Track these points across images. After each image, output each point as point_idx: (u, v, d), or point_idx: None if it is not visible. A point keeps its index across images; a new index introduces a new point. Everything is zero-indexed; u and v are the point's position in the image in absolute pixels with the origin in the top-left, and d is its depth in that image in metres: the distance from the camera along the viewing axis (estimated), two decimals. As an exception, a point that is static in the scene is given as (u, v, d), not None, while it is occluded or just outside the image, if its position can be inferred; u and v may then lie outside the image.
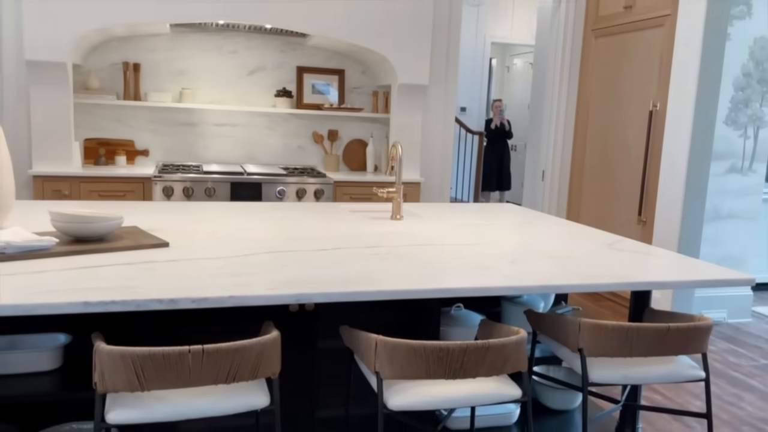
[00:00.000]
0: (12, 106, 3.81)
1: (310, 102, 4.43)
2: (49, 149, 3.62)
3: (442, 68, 4.56)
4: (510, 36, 8.09)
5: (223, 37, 4.24)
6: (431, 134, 4.63)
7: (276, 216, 2.42)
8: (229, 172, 3.83)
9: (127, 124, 4.13)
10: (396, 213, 2.50)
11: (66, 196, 3.55)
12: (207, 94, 4.26)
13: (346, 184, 4.05)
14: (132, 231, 1.92)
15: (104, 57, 4.04)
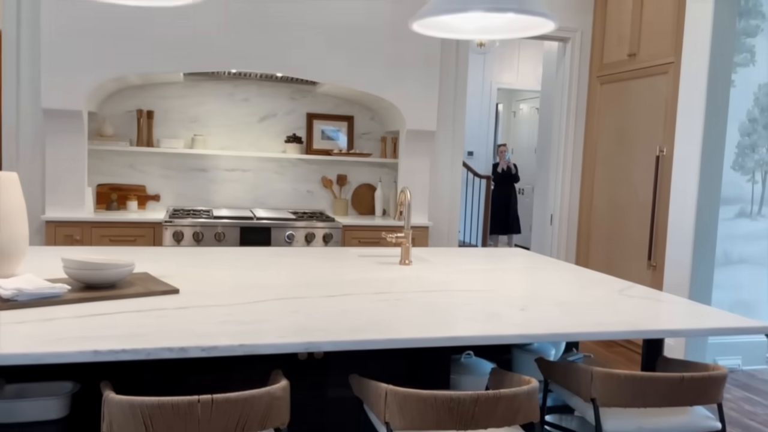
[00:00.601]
0: (28, 153, 3.89)
1: (319, 147, 4.49)
2: (63, 195, 3.68)
3: (449, 114, 4.63)
4: (516, 82, 8.22)
5: (235, 85, 4.33)
6: (439, 178, 4.66)
7: (285, 262, 2.43)
8: (239, 216, 3.86)
9: (139, 169, 4.19)
10: (405, 258, 2.50)
11: (78, 242, 3.59)
12: (218, 140, 4.33)
13: (355, 228, 4.06)
14: (143, 277, 1.93)
15: (119, 105, 4.13)
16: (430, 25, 2.37)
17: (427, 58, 4.17)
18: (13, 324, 1.43)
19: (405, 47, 4.12)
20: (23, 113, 3.86)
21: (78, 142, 3.69)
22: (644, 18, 4.24)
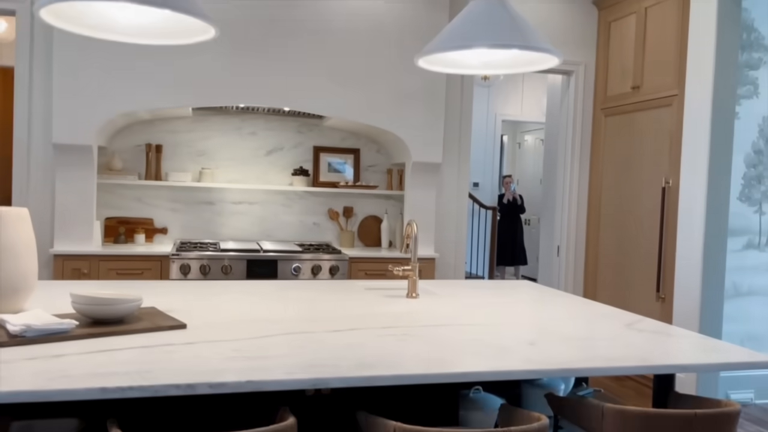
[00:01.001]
0: (38, 188, 3.93)
1: (326, 180, 4.52)
2: (71, 229, 3.70)
3: (454, 146, 4.66)
4: (520, 114, 8.29)
5: (243, 119, 4.39)
6: (445, 210, 4.67)
7: (292, 295, 2.43)
8: (246, 249, 3.87)
9: (147, 202, 4.22)
10: (412, 291, 2.50)
11: (85, 275, 3.60)
12: (226, 174, 4.37)
13: (361, 260, 4.06)
14: (150, 312, 1.93)
15: (128, 139, 4.19)
16: (436, 61, 2.41)
17: (432, 92, 4.22)
18: (20, 360, 1.43)
19: (410, 81, 4.18)
20: (34, 148, 3.91)
21: (87, 176, 3.73)
22: (647, 51, 4.29)
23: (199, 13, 1.90)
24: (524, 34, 2.11)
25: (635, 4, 4.40)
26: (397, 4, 4.13)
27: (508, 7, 2.20)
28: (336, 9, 4.03)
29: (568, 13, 4.81)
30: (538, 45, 2.08)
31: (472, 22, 2.13)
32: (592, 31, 4.87)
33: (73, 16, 2.04)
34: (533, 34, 2.13)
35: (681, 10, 3.96)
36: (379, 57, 4.12)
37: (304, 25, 3.98)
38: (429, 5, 4.18)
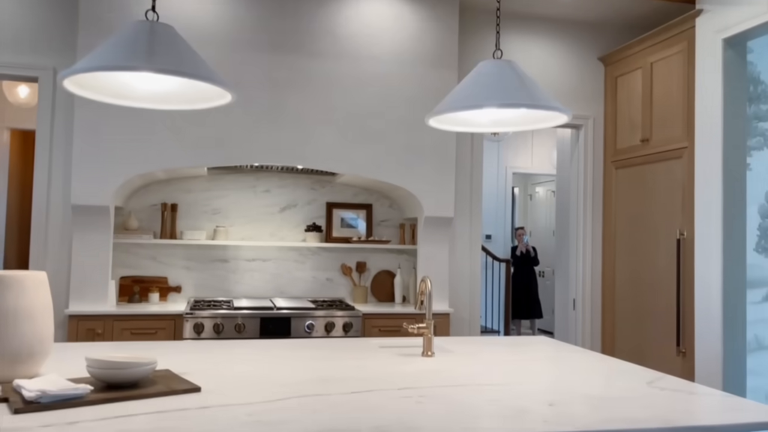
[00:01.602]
0: (56, 248, 3.98)
1: (339, 235, 4.55)
2: (87, 289, 3.73)
3: (466, 200, 4.69)
4: (531, 166, 8.35)
5: (257, 178, 4.46)
6: (458, 264, 4.66)
7: (305, 355, 2.41)
8: (259, 307, 3.86)
9: (161, 261, 4.25)
10: (427, 350, 2.47)
11: (99, 335, 3.60)
12: (240, 231, 4.41)
13: (375, 316, 4.03)
14: (165, 375, 1.92)
15: (144, 199, 4.26)
16: (446, 121, 2.46)
17: (443, 147, 4.28)
18: (36, 428, 1.42)
19: (421, 137, 4.25)
20: (53, 209, 3.99)
21: (104, 236, 3.79)
22: (654, 105, 4.34)
23: (216, 80, 1.96)
24: (532, 93, 2.15)
25: (641, 60, 4.49)
26: (408, 65, 4.25)
27: (516, 67, 2.25)
28: (347, 70, 4.15)
29: (575, 69, 4.91)
30: (547, 104, 2.12)
31: (481, 82, 2.18)
32: (599, 85, 4.95)
33: (94, 85, 2.12)
34: (541, 93, 2.18)
35: (686, 65, 4.03)
36: (390, 115, 4.21)
37: (317, 85, 4.09)
38: (438, 65, 4.30)
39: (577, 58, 4.92)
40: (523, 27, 4.83)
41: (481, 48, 4.76)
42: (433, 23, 4.31)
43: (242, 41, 3.99)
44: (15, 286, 1.83)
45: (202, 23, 3.94)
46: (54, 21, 4.00)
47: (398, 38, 4.25)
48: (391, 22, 4.24)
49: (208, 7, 3.95)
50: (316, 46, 4.10)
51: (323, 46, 4.12)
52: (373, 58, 4.20)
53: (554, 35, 4.88)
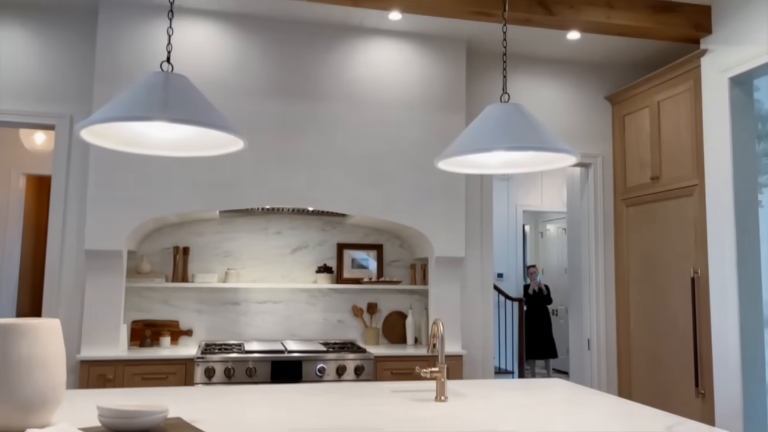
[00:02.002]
0: (69, 294, 4.00)
1: (350, 276, 4.54)
2: (98, 334, 3.73)
3: (477, 239, 4.68)
4: (541, 204, 8.35)
5: (268, 220, 4.49)
6: (470, 304, 4.63)
7: (317, 400, 2.38)
8: (270, 350, 3.84)
9: (173, 304, 4.26)
10: (440, 394, 2.43)
11: (110, 381, 3.58)
12: (251, 273, 4.42)
13: (387, 358, 3.99)
14: (176, 423, 1.90)
15: (156, 243, 4.29)
16: (455, 163, 2.48)
17: (452, 187, 4.31)
18: (45, 480, 1.40)
19: (430, 178, 4.28)
20: (66, 254, 4.02)
21: (117, 280, 3.81)
22: (663, 143, 4.36)
23: (228, 128, 2.00)
24: (540, 135, 2.18)
25: (648, 99, 4.53)
26: (416, 108, 4.31)
27: (523, 109, 2.28)
28: (356, 113, 4.21)
29: (582, 109, 4.96)
30: (554, 146, 2.14)
31: (489, 125, 2.21)
32: (607, 124, 4.99)
33: (109, 134, 2.17)
34: (549, 135, 2.20)
35: (693, 103, 4.06)
36: (399, 156, 4.25)
37: (326, 128, 4.15)
38: (446, 108, 4.36)
39: (584, 97, 4.97)
40: (529, 68, 4.91)
41: (489, 90, 4.83)
42: (440, 67, 4.38)
43: (253, 88, 4.07)
44: (28, 334, 1.84)
45: (213, 72, 4.03)
46: (71, 71, 4.11)
47: (406, 82, 4.32)
48: (399, 65, 4.32)
49: (220, 56, 4.05)
50: (325, 91, 4.18)
51: (332, 90, 4.20)
52: (381, 102, 4.26)
53: (560, 76, 4.95)
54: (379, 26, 4.28)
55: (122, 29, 3.91)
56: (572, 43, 4.59)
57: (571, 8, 3.68)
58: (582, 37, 4.48)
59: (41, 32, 4.08)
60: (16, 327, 1.83)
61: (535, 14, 3.60)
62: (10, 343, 1.80)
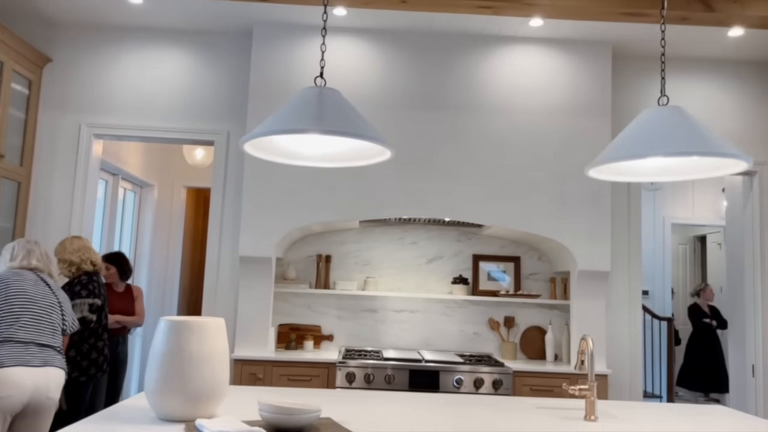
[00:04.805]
0: (225, 296, 4.33)
1: (485, 288, 4.48)
2: (250, 335, 3.99)
3: (623, 253, 4.42)
4: (692, 217, 7.71)
5: (404, 230, 4.56)
6: (616, 322, 4.37)
7: (458, 411, 2.36)
8: (408, 359, 3.87)
9: (315, 310, 4.45)
10: (590, 413, 2.31)
11: (260, 380, 3.81)
12: (388, 282, 4.51)
13: (526, 374, 3.87)
14: (327, 423, 1.97)
15: (301, 250, 4.51)
16: (607, 171, 2.36)
17: (597, 198, 4.11)
18: (217, 467, 1.51)
19: (573, 187, 4.11)
20: (223, 260, 4.35)
21: (266, 285, 4.05)
22: None
23: (378, 138, 2.06)
24: (706, 139, 2.01)
25: (825, 97, 4.03)
26: (558, 116, 4.18)
27: (684, 112, 2.12)
28: (496, 122, 4.16)
29: (743, 112, 4.53)
30: (725, 151, 1.97)
31: (647, 130, 2.08)
32: (775, 127, 4.51)
33: (269, 147, 2.32)
34: (716, 139, 2.03)
35: None
36: (540, 166, 4.14)
37: (465, 139, 4.14)
38: (591, 114, 4.18)
39: (747, 100, 4.53)
40: (683, 70, 4.57)
41: (636, 95, 4.56)
42: (584, 72, 4.22)
43: (393, 100, 4.17)
44: (198, 332, 2.00)
45: (357, 85, 4.18)
46: (228, 90, 4.46)
47: (548, 89, 4.20)
48: (540, 73, 4.22)
49: (363, 71, 4.19)
50: (464, 101, 4.18)
51: (471, 100, 4.18)
52: (522, 110, 4.18)
53: (719, 77, 4.56)
54: (518, 34, 4.21)
55: (274, 50, 4.19)
56: (734, 40, 4.21)
57: (735, 3, 3.38)
58: (745, 34, 4.10)
59: (201, 55, 4.48)
60: (188, 325, 2.00)
61: (693, 11, 3.35)
62: (183, 339, 1.98)
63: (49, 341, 2.70)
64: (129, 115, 4.40)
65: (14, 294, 2.66)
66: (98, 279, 3.62)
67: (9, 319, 2.60)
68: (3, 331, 2.57)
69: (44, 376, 2.61)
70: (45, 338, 2.68)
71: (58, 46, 4.43)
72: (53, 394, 2.66)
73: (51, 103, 4.40)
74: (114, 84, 4.42)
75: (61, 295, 2.88)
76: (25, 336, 2.61)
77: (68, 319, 2.87)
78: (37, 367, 2.59)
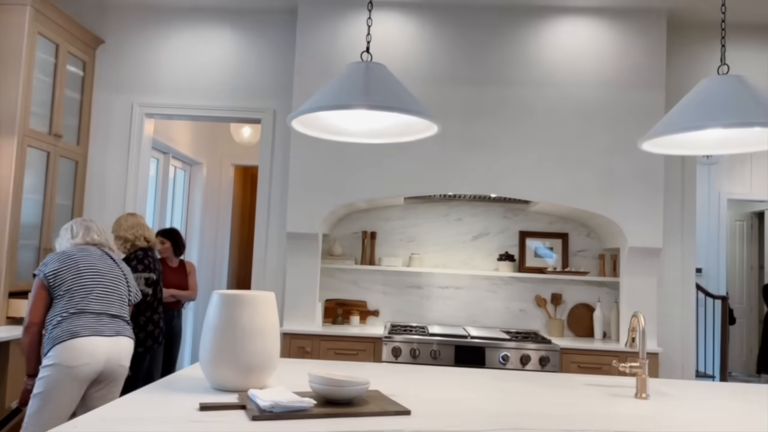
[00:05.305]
0: (273, 271, 4.41)
1: (532, 265, 4.43)
2: (297, 309, 4.06)
3: (676, 229, 4.30)
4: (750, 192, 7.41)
5: (450, 206, 4.54)
6: (667, 300, 4.27)
7: (506, 386, 2.36)
8: (454, 335, 3.88)
9: (361, 286, 4.49)
10: (641, 391, 2.27)
11: (308, 353, 3.88)
12: (433, 259, 4.51)
13: (574, 351, 3.83)
14: (375, 396, 2.00)
15: (347, 227, 4.55)
16: (662, 144, 2.29)
17: (649, 172, 3.99)
18: (270, 435, 1.56)
19: (624, 162, 4.00)
20: (271, 236, 4.43)
21: (313, 261, 4.11)
22: None
23: (425, 113, 2.04)
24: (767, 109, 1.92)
25: None
26: (609, 88, 4.05)
27: (746, 82, 2.03)
28: (543, 95, 4.07)
29: (810, 80, 4.30)
30: (789, 120, 1.88)
31: (707, 100, 2.00)
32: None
33: (315, 123, 2.33)
34: (781, 109, 1.93)
35: None
36: (589, 139, 4.04)
37: (510, 113, 4.07)
38: (643, 85, 4.04)
39: (813, 67, 4.30)
40: (743, 37, 4.36)
41: (693, 65, 4.38)
42: (637, 42, 4.07)
43: (439, 75, 4.12)
44: (250, 305, 2.05)
45: (402, 60, 4.15)
46: (273, 68, 4.50)
47: (598, 59, 4.08)
48: (590, 43, 4.09)
49: (408, 45, 4.15)
50: (510, 75, 4.10)
51: (518, 73, 4.10)
52: (570, 82, 4.07)
53: (782, 44, 4.33)
54: (568, 3, 4.08)
55: (318, 26, 4.18)
56: (799, 4, 3.98)
57: (802, -37, 3.19)
58: (812, -3, 3.87)
59: (248, 34, 4.51)
60: (241, 298, 2.05)
61: (755, -26, 3.18)
62: (235, 312, 2.03)
63: (119, 312, 2.82)
64: (178, 95, 4.49)
65: (84, 268, 2.78)
66: (153, 254, 3.73)
67: (81, 292, 2.73)
68: (77, 303, 2.70)
69: (116, 346, 2.74)
70: (115, 309, 2.81)
71: (110, 28, 4.54)
72: (125, 362, 2.79)
73: (104, 83, 4.52)
74: (164, 64, 4.51)
75: (124, 267, 3.00)
76: (97, 307, 2.74)
77: (133, 290, 2.99)
78: (109, 336, 2.72)
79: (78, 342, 2.63)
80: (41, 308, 2.72)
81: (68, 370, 2.60)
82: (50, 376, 2.59)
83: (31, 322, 2.70)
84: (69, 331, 2.63)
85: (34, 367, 2.75)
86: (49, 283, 2.72)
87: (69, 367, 2.60)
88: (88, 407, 2.74)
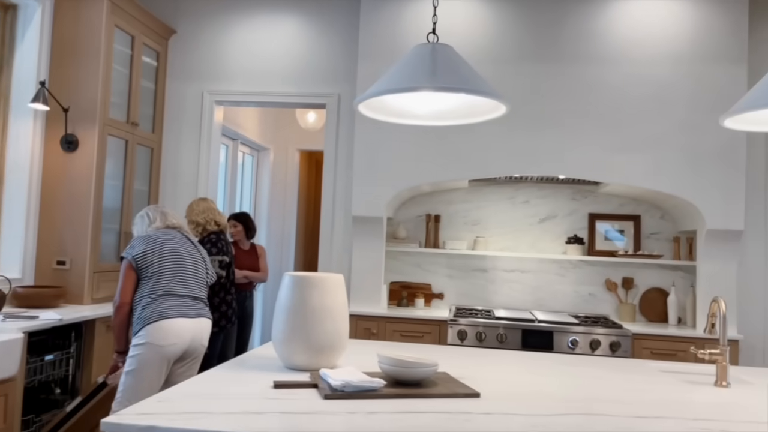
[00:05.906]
0: (339, 254, 4.49)
1: (602, 249, 4.31)
2: (363, 291, 4.12)
3: (759, 211, 4.08)
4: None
5: (515, 189, 4.46)
6: (749, 285, 4.07)
7: (576, 371, 2.32)
8: (520, 319, 3.84)
9: (425, 269, 4.50)
10: (721, 379, 2.18)
11: (374, 335, 3.94)
12: (498, 242, 4.45)
13: (646, 337, 3.72)
14: (443, 378, 2.01)
15: (411, 210, 4.56)
16: (745, 120, 2.16)
17: (730, 151, 3.79)
18: (343, 413, 1.60)
19: (701, 141, 3.82)
20: (337, 220, 4.50)
21: (378, 244, 4.14)
22: None
23: (493, 94, 2.01)
24: None
25: None
26: (684, 63, 3.86)
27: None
28: (614, 73, 3.92)
29: None
30: None
31: (796, 73, 1.87)
32: None
33: (381, 107, 2.34)
34: None
35: None
36: (664, 118, 3.87)
37: (579, 92, 3.95)
38: (722, 60, 3.82)
39: None
40: (835, 4, 4.05)
41: (778, 34, 4.11)
42: (715, 12, 3.85)
43: (504, 54, 4.04)
44: (320, 287, 2.10)
45: (466, 40, 4.09)
46: (338, 54, 4.53)
47: (672, 34, 3.89)
48: (663, 17, 3.90)
49: (472, 24, 4.09)
50: (579, 52, 3.97)
51: (587, 50, 3.96)
52: (644, 58, 3.90)
53: None
54: (642, -25, 3.90)
55: (382, 10, 4.17)
56: None
57: None
58: None
59: (312, 20, 4.56)
60: (311, 280, 2.10)
61: None
62: (306, 293, 2.08)
63: (200, 294, 2.96)
64: (245, 82, 4.59)
65: (168, 251, 2.92)
66: (225, 238, 3.86)
67: (167, 274, 2.87)
68: (164, 286, 2.84)
69: (199, 326, 2.88)
70: (196, 291, 2.94)
71: (182, 19, 4.69)
72: (205, 342, 2.94)
73: (176, 72, 4.68)
74: (231, 52, 4.62)
75: (202, 250, 3.12)
76: (182, 290, 2.87)
77: (210, 272, 3.11)
78: (193, 318, 2.85)
79: (167, 323, 2.76)
80: (130, 289, 2.87)
81: (158, 348, 2.75)
82: (142, 354, 2.75)
83: (122, 302, 2.85)
84: (158, 312, 2.77)
85: (123, 344, 2.91)
86: (137, 265, 2.86)
87: (159, 346, 2.74)
88: (170, 383, 2.88)
